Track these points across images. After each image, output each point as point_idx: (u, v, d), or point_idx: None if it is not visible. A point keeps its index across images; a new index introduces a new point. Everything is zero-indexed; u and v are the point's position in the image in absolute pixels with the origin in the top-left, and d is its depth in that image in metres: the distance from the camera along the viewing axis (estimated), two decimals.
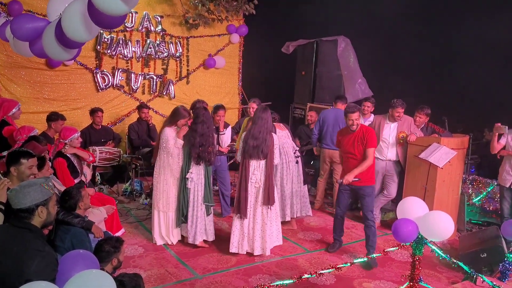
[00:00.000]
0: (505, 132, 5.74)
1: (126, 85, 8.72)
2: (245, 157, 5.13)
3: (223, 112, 6.26)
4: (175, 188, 5.38)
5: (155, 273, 4.71)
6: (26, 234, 2.55)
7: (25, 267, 2.38)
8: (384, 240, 5.96)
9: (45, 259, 2.46)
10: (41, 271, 2.40)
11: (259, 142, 5.05)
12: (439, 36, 8.43)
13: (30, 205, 2.59)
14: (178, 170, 5.35)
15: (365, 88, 8.76)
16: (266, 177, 5.12)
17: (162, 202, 5.38)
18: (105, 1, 2.86)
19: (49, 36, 3.79)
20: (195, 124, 5.26)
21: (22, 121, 6.60)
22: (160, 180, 5.39)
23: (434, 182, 5.76)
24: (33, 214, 2.61)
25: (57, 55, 3.96)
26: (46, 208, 2.67)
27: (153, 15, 8.81)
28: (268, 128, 5.12)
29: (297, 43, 9.70)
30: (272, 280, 4.57)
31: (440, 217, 3.78)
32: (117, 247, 3.53)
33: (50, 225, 2.92)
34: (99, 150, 6.86)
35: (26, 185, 2.63)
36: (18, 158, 3.70)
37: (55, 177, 4.93)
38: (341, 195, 5.37)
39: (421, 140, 5.99)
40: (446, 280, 4.88)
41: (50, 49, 3.87)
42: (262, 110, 5.19)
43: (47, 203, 2.68)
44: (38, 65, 7.65)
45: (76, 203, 3.90)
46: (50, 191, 2.70)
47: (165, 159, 5.35)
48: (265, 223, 5.17)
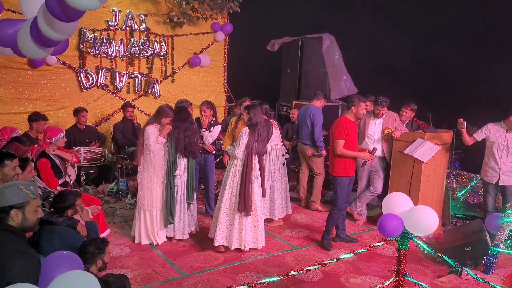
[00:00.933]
0: (464, 128, 5.83)
1: (111, 84, 8.64)
2: (251, 154, 5.12)
3: (205, 107, 6.22)
4: (159, 186, 5.35)
5: (141, 273, 4.68)
6: (7, 236, 2.50)
7: (6, 270, 2.34)
8: (370, 236, 6.00)
9: (27, 261, 2.43)
10: (24, 273, 2.37)
11: (262, 138, 5.21)
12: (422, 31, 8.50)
13: (4, 205, 2.54)
14: (161, 168, 5.33)
15: (350, 85, 8.79)
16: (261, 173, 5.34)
17: (146, 200, 5.35)
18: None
19: (23, 35, 3.74)
20: (177, 121, 5.28)
21: (5, 121, 6.51)
22: (143, 178, 5.36)
23: (419, 177, 5.81)
24: (8, 216, 2.56)
25: (32, 53, 3.91)
26: (22, 212, 2.61)
27: (137, 14, 8.74)
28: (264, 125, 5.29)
29: (282, 40, 9.69)
30: (259, 278, 4.55)
31: (425, 211, 3.80)
32: (102, 249, 3.49)
33: (30, 230, 2.81)
34: (83, 150, 6.79)
35: (6, 185, 2.59)
36: (2, 159, 3.65)
37: (38, 178, 4.87)
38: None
39: (405, 136, 6.03)
40: (431, 274, 4.93)
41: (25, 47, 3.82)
42: (255, 112, 5.27)
43: (23, 207, 2.61)
44: (20, 65, 7.54)
45: (66, 209, 3.86)
46: (29, 196, 2.64)
47: (147, 156, 5.32)
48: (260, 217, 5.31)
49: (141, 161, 5.38)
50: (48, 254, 2.86)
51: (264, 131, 5.22)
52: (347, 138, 5.36)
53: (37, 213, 2.73)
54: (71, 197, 3.92)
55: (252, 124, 5.12)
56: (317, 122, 6.66)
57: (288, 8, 9.73)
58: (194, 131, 5.34)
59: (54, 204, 3.87)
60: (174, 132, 5.26)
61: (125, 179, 7.49)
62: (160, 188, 5.37)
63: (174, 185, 5.28)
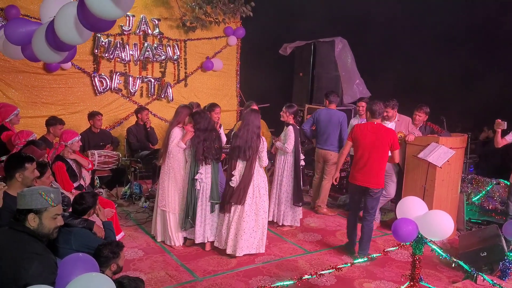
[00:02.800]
0: (505, 128, 5.75)
1: (124, 88, 8.71)
2: (229, 156, 5.28)
3: (219, 110, 6.31)
4: (174, 189, 5.40)
5: (155, 276, 4.70)
6: (25, 237, 2.54)
7: (23, 271, 2.37)
8: (384, 240, 5.96)
9: (43, 263, 2.45)
10: (39, 275, 2.39)
11: (242, 142, 5.14)
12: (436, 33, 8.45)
13: (23, 208, 2.57)
14: (179, 171, 5.39)
15: (363, 88, 8.78)
16: (242, 178, 5.16)
17: (164, 201, 5.44)
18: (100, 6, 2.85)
19: (39, 39, 3.78)
20: (197, 130, 5.32)
21: (21, 125, 6.57)
22: (164, 179, 5.45)
23: (433, 182, 5.76)
24: (25, 219, 2.59)
25: (46, 57, 3.95)
26: (39, 217, 2.63)
27: (151, 18, 8.81)
28: (251, 130, 5.16)
29: (294, 44, 9.72)
30: (272, 282, 4.56)
31: (440, 216, 3.78)
32: (116, 253, 3.49)
33: (46, 237, 2.75)
34: (97, 154, 6.85)
35: (31, 189, 2.63)
36: (23, 163, 3.68)
37: (55, 182, 4.92)
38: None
39: (419, 140, 5.99)
40: (446, 280, 4.87)
41: (40, 51, 3.87)
42: (248, 113, 5.33)
43: (41, 213, 2.63)
44: (36, 70, 7.64)
45: (89, 209, 3.94)
46: (48, 202, 2.65)
47: (167, 158, 5.41)
48: (240, 223, 5.19)
49: (165, 163, 5.45)
50: (65, 256, 2.89)
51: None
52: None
53: (55, 221, 2.73)
54: (91, 199, 3.98)
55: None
56: (345, 127, 6.70)
57: (300, 12, 9.73)
58: (213, 139, 5.32)
59: (75, 206, 3.92)
60: (194, 141, 5.29)
61: (138, 183, 7.54)
62: (176, 191, 5.41)
63: (193, 189, 5.30)
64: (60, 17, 3.34)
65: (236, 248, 5.16)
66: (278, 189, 6.17)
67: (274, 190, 6.22)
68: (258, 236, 5.27)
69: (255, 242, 5.25)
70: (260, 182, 5.28)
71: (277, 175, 6.21)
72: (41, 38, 3.69)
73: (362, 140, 5.19)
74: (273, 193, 6.23)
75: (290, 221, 6.16)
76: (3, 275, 2.39)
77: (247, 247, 5.19)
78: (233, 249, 5.18)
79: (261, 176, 5.31)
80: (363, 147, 5.18)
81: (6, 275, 2.38)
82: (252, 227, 5.20)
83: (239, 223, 5.17)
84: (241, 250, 5.16)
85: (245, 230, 5.15)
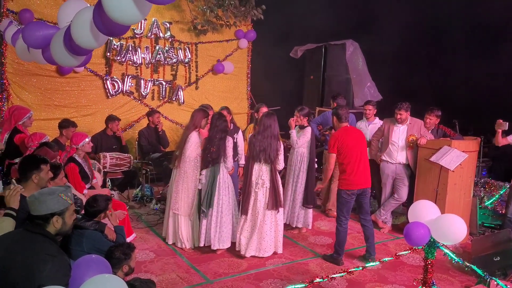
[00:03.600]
0: (505, 128, 5.79)
1: (136, 91, 8.77)
2: (250, 160, 5.26)
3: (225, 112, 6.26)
4: (187, 193, 5.43)
5: (166, 278, 4.72)
6: (39, 239, 2.56)
7: (37, 272, 2.39)
8: (396, 244, 5.92)
9: (57, 264, 2.47)
10: (53, 276, 2.41)
11: (266, 145, 5.14)
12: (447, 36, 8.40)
13: (45, 213, 2.60)
14: (193, 177, 5.43)
15: (374, 91, 8.75)
16: (271, 182, 5.20)
17: (174, 204, 5.47)
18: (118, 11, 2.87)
19: (57, 43, 3.83)
20: (207, 140, 5.40)
21: (34, 128, 6.65)
22: (178, 181, 5.49)
23: (446, 185, 5.71)
24: (48, 223, 2.63)
25: (65, 61, 4.00)
26: (62, 218, 2.68)
27: (162, 22, 8.86)
28: (272, 132, 5.19)
29: (305, 47, 9.72)
30: (283, 285, 4.56)
31: (453, 220, 3.75)
32: (128, 254, 3.53)
33: (66, 234, 2.91)
34: (109, 156, 6.90)
35: (46, 193, 2.65)
36: (38, 164, 3.72)
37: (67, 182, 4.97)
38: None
39: (431, 143, 5.95)
40: (459, 284, 4.83)
41: (58, 55, 3.92)
42: (267, 116, 5.32)
43: (63, 213, 2.69)
44: (49, 73, 7.72)
45: (100, 212, 3.96)
46: (67, 202, 2.72)
47: (182, 162, 5.45)
48: (271, 226, 5.25)
49: (180, 167, 5.48)
50: (77, 258, 2.92)
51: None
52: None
53: (73, 216, 2.82)
54: (103, 202, 4.00)
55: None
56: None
57: (311, 15, 9.73)
58: (215, 136, 5.32)
59: (88, 209, 3.95)
60: (203, 151, 5.40)
61: (149, 185, 7.58)
62: (188, 195, 5.44)
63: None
64: (76, 22, 3.37)
65: (265, 250, 5.26)
66: (293, 191, 6.13)
67: (288, 192, 6.18)
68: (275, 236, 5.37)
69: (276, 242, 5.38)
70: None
71: (293, 176, 6.16)
72: (59, 42, 3.74)
73: (349, 145, 5.13)
74: (287, 195, 6.18)
75: (302, 223, 6.15)
76: (18, 276, 2.42)
77: (270, 247, 5.30)
78: (258, 251, 5.24)
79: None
80: (351, 152, 5.14)
81: (21, 276, 2.41)
82: (269, 227, 5.27)
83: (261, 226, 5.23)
84: (268, 251, 5.28)
85: (267, 232, 5.23)
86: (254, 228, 5.22)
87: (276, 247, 5.35)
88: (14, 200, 3.18)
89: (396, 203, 6.34)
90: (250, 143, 5.28)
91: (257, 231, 5.21)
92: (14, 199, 3.18)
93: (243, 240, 5.24)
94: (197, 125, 5.51)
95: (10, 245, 2.54)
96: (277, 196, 5.21)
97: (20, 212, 3.15)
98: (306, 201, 6.04)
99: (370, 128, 6.88)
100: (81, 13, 3.37)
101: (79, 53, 3.79)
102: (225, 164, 5.36)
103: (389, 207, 6.37)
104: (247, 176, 5.26)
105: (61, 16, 3.96)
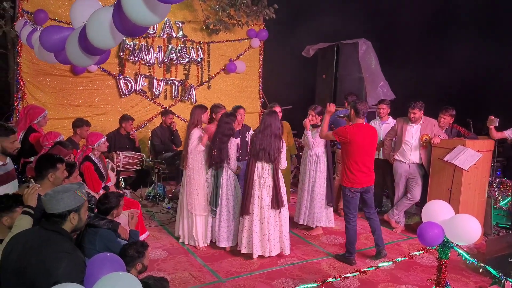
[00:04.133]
0: (496, 124, 6.00)
1: (149, 90, 8.82)
2: (251, 159, 5.22)
3: (243, 111, 6.27)
4: (197, 191, 5.46)
5: (179, 277, 4.74)
6: (55, 236, 2.60)
7: (53, 269, 2.42)
8: (409, 244, 5.88)
9: (72, 261, 2.50)
10: (69, 273, 2.44)
11: (266, 144, 5.10)
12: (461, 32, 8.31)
13: (63, 211, 2.64)
14: (200, 173, 5.45)
15: (387, 90, 8.68)
16: (273, 181, 5.16)
17: (190, 204, 5.51)
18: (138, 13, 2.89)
19: (72, 43, 3.87)
20: (211, 141, 5.46)
21: (48, 127, 6.72)
22: (189, 183, 5.53)
23: (460, 185, 5.66)
24: (65, 220, 2.66)
25: (80, 61, 4.04)
26: (78, 214, 2.72)
27: (175, 21, 8.90)
28: (273, 131, 5.13)
29: (317, 46, 9.68)
30: (295, 284, 4.55)
31: (467, 220, 3.71)
32: (141, 252, 3.56)
33: (80, 230, 2.98)
34: (122, 155, 6.96)
35: (61, 190, 2.68)
36: (55, 163, 3.80)
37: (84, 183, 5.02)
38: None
39: (445, 143, 5.90)
40: (473, 285, 4.78)
41: (73, 56, 3.95)
42: (268, 114, 5.29)
43: (79, 210, 2.73)
44: (63, 72, 7.79)
45: (112, 209, 4.00)
46: (82, 198, 2.76)
47: (188, 160, 5.48)
48: (275, 226, 5.22)
49: (187, 165, 5.52)
50: (90, 256, 2.95)
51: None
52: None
53: (86, 212, 2.87)
54: (115, 198, 4.04)
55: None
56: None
57: (323, 13, 9.70)
58: (215, 139, 5.37)
59: (100, 206, 3.99)
60: (207, 150, 5.45)
61: (162, 184, 7.62)
62: (196, 192, 5.46)
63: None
64: (92, 23, 3.40)
65: (270, 250, 5.23)
66: (311, 191, 6.08)
67: (304, 193, 6.13)
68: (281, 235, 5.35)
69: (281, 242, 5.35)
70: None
71: (309, 176, 6.11)
72: (74, 43, 3.77)
73: (357, 143, 5.09)
74: (303, 196, 6.14)
75: (324, 222, 6.11)
76: (35, 273, 2.45)
77: (275, 247, 5.28)
78: (263, 251, 5.23)
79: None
80: (358, 150, 5.11)
81: (38, 273, 2.44)
82: (274, 227, 5.24)
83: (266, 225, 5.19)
84: (274, 251, 5.25)
85: (271, 231, 5.20)
86: (258, 227, 5.19)
87: (282, 248, 5.29)
88: (32, 198, 3.23)
89: (410, 203, 6.30)
90: (251, 142, 5.29)
91: (260, 231, 5.18)
92: (32, 198, 3.24)
93: (244, 240, 5.22)
94: (196, 122, 5.53)
95: (27, 243, 2.58)
96: (279, 195, 5.15)
97: (37, 210, 3.20)
98: (328, 200, 6.06)
99: (383, 127, 6.85)
100: (97, 13, 3.40)
101: (94, 53, 3.83)
102: (229, 165, 5.39)
103: (402, 207, 6.33)
104: (248, 176, 5.21)
105: (73, 15, 3.99)
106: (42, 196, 2.79)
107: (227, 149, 5.33)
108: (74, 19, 3.94)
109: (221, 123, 5.37)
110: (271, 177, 5.16)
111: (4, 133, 3.92)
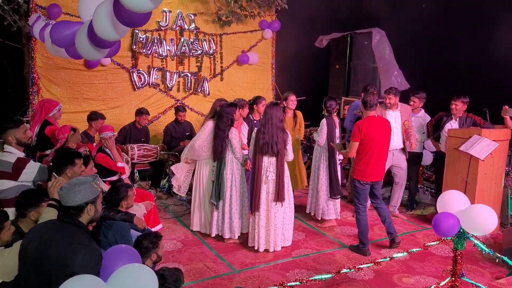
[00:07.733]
0: (510, 115, 5.80)
1: (162, 83, 8.84)
2: (256, 153, 5.17)
3: (265, 102, 6.39)
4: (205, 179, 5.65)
5: (193, 268, 4.79)
6: (72, 229, 2.63)
7: (70, 261, 2.46)
8: (424, 235, 5.85)
9: (89, 253, 2.54)
10: (86, 264, 2.48)
11: (268, 138, 5.05)
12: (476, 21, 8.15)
13: (80, 203, 2.67)
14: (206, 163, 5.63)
15: (401, 80, 8.58)
16: (277, 175, 5.12)
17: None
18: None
19: (81, 37, 3.89)
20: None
21: (63, 120, 6.79)
22: (199, 172, 5.72)
23: (476, 175, 5.60)
24: (82, 212, 2.70)
25: (90, 55, 4.07)
26: (94, 205, 2.75)
27: (187, 14, 8.89)
28: (275, 124, 5.07)
29: (330, 36, 9.60)
30: (309, 275, 4.56)
31: (483, 210, 3.67)
32: (156, 243, 3.60)
33: (96, 221, 3.02)
34: (137, 148, 7.01)
35: (77, 183, 2.71)
36: (73, 159, 3.88)
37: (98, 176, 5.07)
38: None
39: (461, 132, 5.83)
40: (489, 275, 4.74)
41: (83, 49, 3.98)
42: (269, 106, 5.24)
43: (95, 201, 2.76)
44: (77, 66, 7.85)
45: (121, 200, 4.03)
46: (98, 189, 2.79)
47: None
48: (278, 219, 5.20)
49: None
50: (104, 248, 2.98)
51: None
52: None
53: (101, 204, 2.90)
54: (123, 189, 4.07)
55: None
56: None
57: (336, 3, 9.60)
58: (224, 140, 5.36)
59: (108, 198, 4.02)
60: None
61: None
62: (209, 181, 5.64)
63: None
64: (97, 15, 3.42)
65: (275, 244, 5.22)
66: (316, 183, 6.10)
67: (311, 183, 6.20)
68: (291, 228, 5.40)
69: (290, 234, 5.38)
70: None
71: (313, 168, 6.17)
72: (83, 37, 3.80)
73: (371, 136, 5.04)
74: (309, 187, 6.22)
75: (331, 214, 6.10)
76: (52, 265, 2.50)
77: (283, 240, 5.29)
78: (270, 245, 5.22)
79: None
80: (371, 144, 5.06)
81: (55, 265, 2.49)
82: (282, 220, 5.27)
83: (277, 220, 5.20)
84: (278, 245, 5.26)
85: (277, 225, 5.20)
86: (264, 222, 5.19)
87: (283, 241, 5.30)
88: (55, 191, 3.28)
89: (400, 188, 6.39)
90: (256, 137, 5.20)
91: (265, 225, 5.17)
92: (56, 191, 3.29)
93: (256, 236, 5.21)
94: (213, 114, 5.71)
95: (45, 235, 2.62)
96: (279, 189, 5.09)
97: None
98: (332, 193, 6.00)
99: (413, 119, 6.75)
100: (101, 5, 3.42)
101: (102, 45, 3.84)
102: (235, 155, 5.37)
103: (396, 196, 6.46)
104: (255, 171, 5.16)
105: (81, 8, 4.01)
106: (58, 190, 2.83)
107: (225, 139, 5.31)
108: (83, 13, 3.96)
109: (222, 113, 5.37)
110: (274, 171, 5.13)
111: (14, 125, 4.01)
